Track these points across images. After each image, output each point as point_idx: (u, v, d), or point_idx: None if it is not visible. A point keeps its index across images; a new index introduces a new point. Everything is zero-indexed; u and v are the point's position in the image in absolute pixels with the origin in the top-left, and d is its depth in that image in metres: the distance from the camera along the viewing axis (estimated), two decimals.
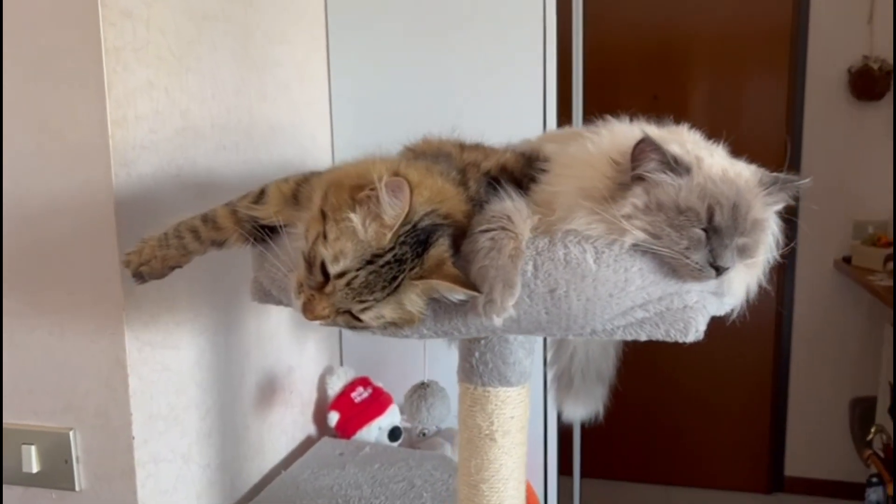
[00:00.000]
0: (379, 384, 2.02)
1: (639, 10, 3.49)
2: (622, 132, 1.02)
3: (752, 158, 1.01)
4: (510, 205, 0.95)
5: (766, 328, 3.61)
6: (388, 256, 0.87)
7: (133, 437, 1.33)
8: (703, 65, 3.51)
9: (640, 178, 0.92)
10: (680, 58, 3.51)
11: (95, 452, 1.35)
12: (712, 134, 1.05)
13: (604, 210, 0.91)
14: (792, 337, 3.58)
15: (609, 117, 1.06)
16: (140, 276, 1.16)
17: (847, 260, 3.33)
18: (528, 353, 1.20)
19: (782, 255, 1.02)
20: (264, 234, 1.11)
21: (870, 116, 3.31)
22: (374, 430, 1.95)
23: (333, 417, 1.93)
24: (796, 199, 0.99)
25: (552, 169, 1.04)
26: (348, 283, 0.88)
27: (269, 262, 1.06)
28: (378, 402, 1.98)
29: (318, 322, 0.92)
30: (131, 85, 1.30)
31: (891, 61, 3.23)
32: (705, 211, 0.89)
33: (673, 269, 0.92)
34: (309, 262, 0.91)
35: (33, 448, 1.36)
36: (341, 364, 2.15)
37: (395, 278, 0.88)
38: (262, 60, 1.74)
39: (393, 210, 0.86)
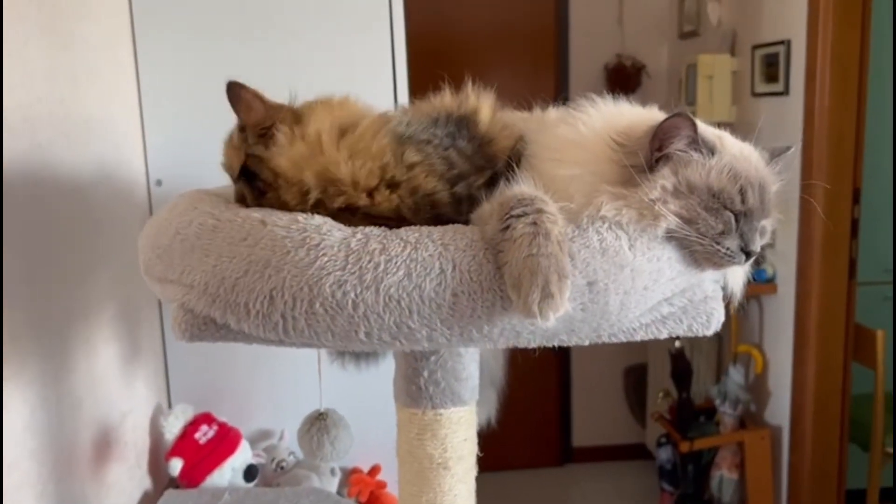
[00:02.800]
0: (223, 419, 1.74)
1: (426, 10, 3.50)
2: (610, 112, 0.94)
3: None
4: (534, 190, 0.82)
5: None
6: None
7: None
8: (483, 62, 3.61)
9: (666, 158, 0.84)
10: (463, 54, 3.58)
11: None
12: None
13: (630, 194, 0.82)
14: None
15: (593, 95, 0.96)
16: None
17: None
18: (478, 366, 1.08)
19: None
20: None
21: None
22: (227, 472, 1.66)
23: (176, 465, 1.61)
24: None
25: (538, 153, 0.92)
26: None
27: None
28: (227, 439, 1.70)
29: None
30: None
31: (640, 58, 3.56)
32: (738, 192, 0.83)
33: (694, 256, 0.85)
34: None
35: None
36: (169, 401, 1.81)
37: None
38: (69, 37, 1.38)
39: None
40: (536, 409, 3.87)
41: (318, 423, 1.57)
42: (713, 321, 0.88)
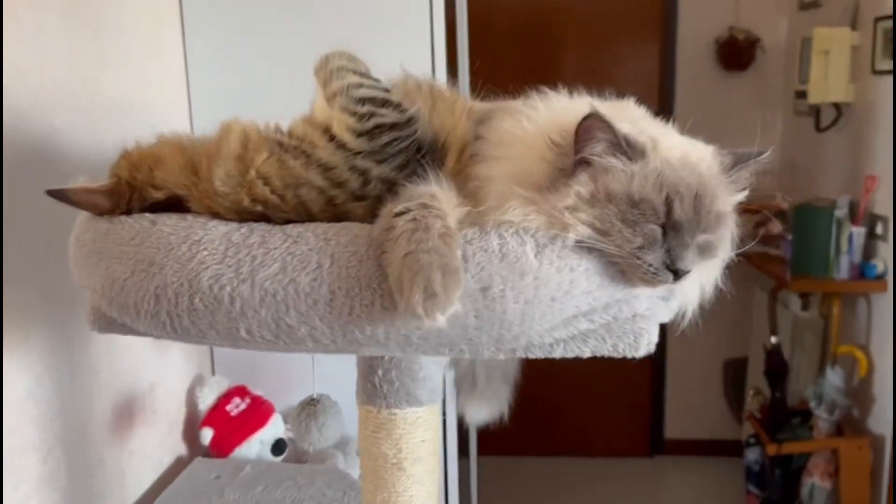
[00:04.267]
0: (258, 392, 1.79)
1: None
2: (562, 106, 0.86)
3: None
4: (434, 188, 0.77)
5: None
6: None
7: None
8: (576, 38, 3.45)
9: (585, 163, 0.76)
10: (554, 31, 3.43)
11: None
12: None
13: (543, 199, 0.75)
14: None
15: (545, 89, 0.89)
16: None
17: None
18: (440, 367, 1.03)
19: None
20: None
21: (736, 86, 3.36)
22: (256, 446, 1.72)
23: (207, 435, 1.68)
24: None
25: (485, 150, 0.86)
26: None
27: None
28: (258, 412, 1.75)
29: None
30: None
31: (755, 32, 3.29)
32: (663, 203, 0.74)
33: (622, 270, 0.77)
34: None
35: None
36: (213, 373, 1.89)
37: None
38: (99, 23, 1.45)
39: None
40: (627, 396, 3.74)
41: (308, 409, 1.59)
42: (641, 342, 0.79)
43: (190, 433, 1.77)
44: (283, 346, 0.77)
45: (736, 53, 3.29)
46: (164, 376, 1.67)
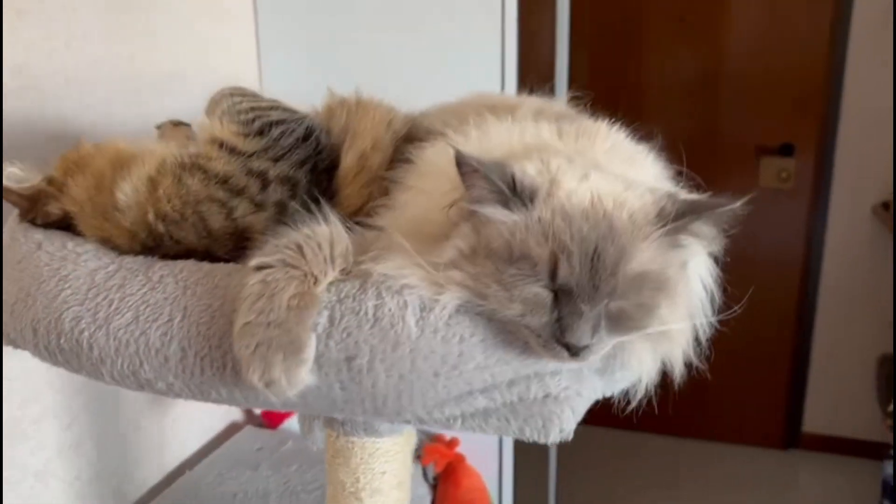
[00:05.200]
0: None
1: None
2: (498, 134, 0.72)
3: (788, 89, 0.67)
4: (317, 230, 0.66)
5: (791, 274, 3.27)
6: None
7: None
8: None
9: (472, 211, 0.63)
10: None
11: None
12: (745, 63, 0.72)
13: (424, 252, 0.63)
14: (819, 286, 3.24)
15: (486, 113, 0.75)
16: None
17: (887, 206, 2.94)
18: None
19: (813, 199, 0.71)
20: None
21: None
22: None
23: None
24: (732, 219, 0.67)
25: (403, 176, 0.74)
26: None
27: None
28: None
29: None
30: None
31: None
32: (547, 261, 0.60)
33: (525, 341, 0.63)
34: None
35: None
36: None
37: None
38: None
39: None
40: (763, 383, 3.43)
41: None
42: (551, 428, 0.65)
43: None
44: (151, 392, 0.72)
45: None
46: None
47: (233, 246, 0.75)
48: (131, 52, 1.41)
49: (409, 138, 0.85)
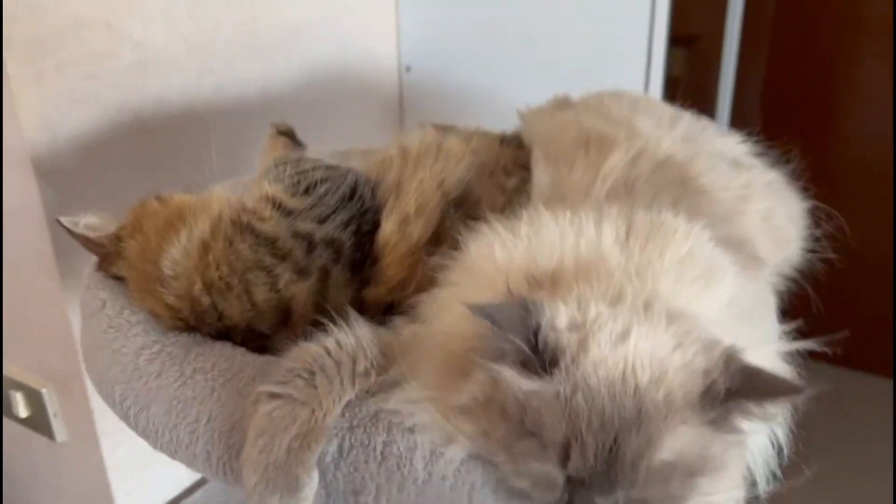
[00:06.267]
0: None
1: None
2: (550, 236, 0.64)
3: None
4: (342, 342, 0.64)
5: None
6: None
7: (92, 410, 1.27)
8: None
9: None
10: None
11: (68, 412, 1.33)
12: None
13: (445, 381, 0.59)
14: None
15: (602, 138, 0.66)
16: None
17: None
18: None
19: None
20: None
21: None
22: None
23: None
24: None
25: (449, 272, 0.69)
26: None
27: None
28: None
29: None
30: (41, 29, 1.08)
31: None
32: (558, 448, 0.53)
33: None
34: None
35: (20, 395, 1.37)
36: None
37: None
38: None
39: None
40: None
41: None
42: None
43: None
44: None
45: None
46: None
47: (275, 320, 0.74)
48: (253, 12, 1.39)
49: (460, 202, 0.79)
